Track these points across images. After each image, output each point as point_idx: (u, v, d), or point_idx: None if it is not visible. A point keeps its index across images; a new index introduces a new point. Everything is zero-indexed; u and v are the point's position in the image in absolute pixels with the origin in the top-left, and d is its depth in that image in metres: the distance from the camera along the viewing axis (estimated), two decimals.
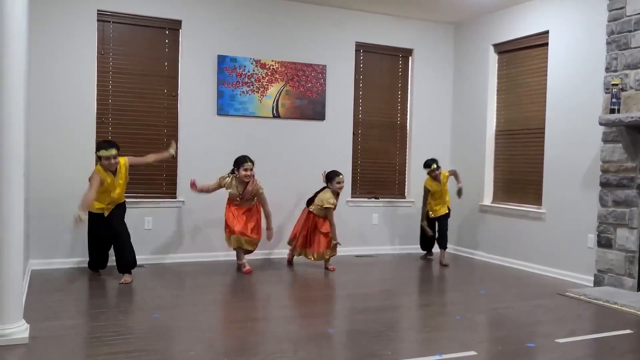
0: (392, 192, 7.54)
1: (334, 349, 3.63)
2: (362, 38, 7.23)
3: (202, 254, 6.42)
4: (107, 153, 5.09)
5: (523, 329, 4.25)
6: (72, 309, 4.33)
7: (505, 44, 6.95)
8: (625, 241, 5.33)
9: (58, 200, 5.81)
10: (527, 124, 6.68)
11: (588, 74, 5.79)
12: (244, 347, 3.62)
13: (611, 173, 5.47)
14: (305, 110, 6.92)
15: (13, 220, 3.45)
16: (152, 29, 6.29)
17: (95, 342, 3.63)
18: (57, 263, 5.80)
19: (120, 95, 6.13)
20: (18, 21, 3.47)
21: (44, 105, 5.76)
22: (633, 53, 5.27)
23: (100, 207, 5.24)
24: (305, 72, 6.89)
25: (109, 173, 5.17)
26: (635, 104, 5.23)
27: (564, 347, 3.75)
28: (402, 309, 4.74)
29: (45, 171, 5.76)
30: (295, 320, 4.22)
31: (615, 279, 5.41)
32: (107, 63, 6.09)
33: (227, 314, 4.49)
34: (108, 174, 5.17)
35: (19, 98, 3.48)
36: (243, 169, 5.67)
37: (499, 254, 6.84)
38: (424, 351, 3.63)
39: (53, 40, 5.79)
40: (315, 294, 5.04)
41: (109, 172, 5.17)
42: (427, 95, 7.62)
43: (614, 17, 5.45)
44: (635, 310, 4.67)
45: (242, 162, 5.70)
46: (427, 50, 7.60)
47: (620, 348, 3.81)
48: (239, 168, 5.69)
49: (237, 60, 6.54)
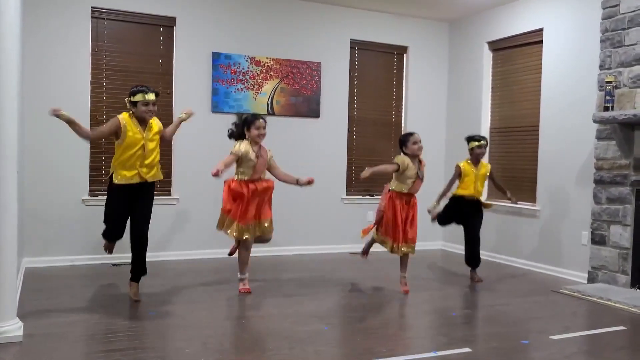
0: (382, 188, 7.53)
1: (329, 345, 3.63)
2: (357, 35, 7.22)
3: (196, 252, 6.41)
4: (146, 98, 4.19)
5: (517, 325, 4.26)
6: (66, 306, 4.32)
7: (500, 41, 6.96)
8: (619, 238, 5.35)
9: (52, 197, 5.80)
10: (522, 121, 6.69)
11: (582, 72, 5.81)
12: (239, 344, 3.61)
13: (605, 170, 5.49)
14: (300, 108, 6.91)
15: (7, 218, 3.44)
16: (146, 26, 6.26)
17: (90, 340, 3.62)
18: (51, 261, 5.78)
19: (115, 92, 6.10)
20: (11, 18, 3.45)
21: (38, 102, 5.73)
22: (627, 51, 5.29)
23: (130, 174, 4.25)
24: (300, 70, 6.88)
25: (138, 125, 4.26)
26: (629, 101, 5.25)
27: (558, 344, 3.77)
28: (397, 305, 4.74)
29: (39, 169, 5.73)
30: (290, 317, 4.22)
31: (609, 276, 5.43)
32: (101, 60, 6.07)
33: (222, 311, 4.49)
34: (137, 126, 4.24)
35: (12, 95, 3.46)
36: (255, 127, 4.76)
37: (493, 251, 6.85)
38: (419, 348, 3.64)
39: (46, 37, 5.77)
40: (310, 291, 5.04)
41: (138, 124, 4.26)
42: (422, 92, 7.63)
43: (608, 14, 5.46)
44: (628, 306, 4.69)
45: (254, 120, 4.79)
46: (422, 47, 7.60)
47: (613, 344, 3.83)
48: (249, 128, 4.78)
49: (232, 58, 6.53)
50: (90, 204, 5.94)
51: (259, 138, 4.80)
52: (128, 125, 4.20)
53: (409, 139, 4.92)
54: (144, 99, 4.18)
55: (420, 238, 7.40)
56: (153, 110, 4.24)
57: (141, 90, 4.21)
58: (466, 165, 5.63)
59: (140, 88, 4.24)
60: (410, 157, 4.92)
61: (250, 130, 4.78)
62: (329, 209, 7.11)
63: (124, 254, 6.10)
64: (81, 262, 5.86)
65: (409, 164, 4.88)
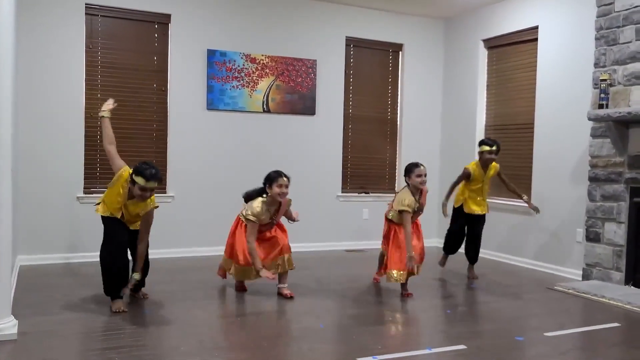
0: (382, 187, 7.55)
1: (324, 343, 3.63)
2: (352, 33, 7.22)
3: (191, 249, 6.40)
4: (148, 185, 4.00)
5: (512, 322, 4.27)
6: (60, 304, 4.30)
7: (495, 39, 6.97)
8: (613, 235, 5.37)
9: (46, 195, 5.78)
10: (517, 119, 6.71)
11: (577, 70, 5.82)
12: (234, 342, 3.61)
13: (600, 168, 5.51)
14: (295, 105, 6.91)
15: (1, 216, 3.42)
16: (141, 23, 6.24)
17: (85, 338, 3.61)
18: (46, 259, 5.76)
19: (109, 89, 6.08)
20: (5, 14, 3.43)
21: (32, 100, 5.71)
22: (621, 49, 5.30)
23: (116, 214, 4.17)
24: (296, 67, 6.87)
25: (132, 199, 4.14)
26: (623, 99, 5.27)
27: (553, 341, 3.78)
28: (392, 303, 4.75)
29: (33, 166, 5.71)
30: (286, 315, 4.22)
31: (603, 273, 5.45)
32: (95, 57, 6.04)
33: (217, 309, 4.48)
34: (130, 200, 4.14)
35: (6, 92, 3.44)
36: (277, 185, 4.54)
37: (488, 249, 6.86)
38: (413, 345, 3.65)
39: (41, 33, 5.74)
40: (306, 289, 5.04)
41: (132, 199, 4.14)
42: (417, 90, 7.63)
43: (602, 12, 5.47)
44: (622, 303, 4.71)
45: (276, 177, 4.57)
46: (417, 45, 7.60)
47: (608, 341, 3.85)
48: (271, 185, 4.56)
49: (227, 55, 6.51)
50: (85, 201, 5.92)
51: (280, 197, 4.59)
52: (123, 190, 4.09)
53: (414, 171, 4.74)
54: (143, 184, 3.98)
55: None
56: (147, 197, 4.06)
57: (145, 175, 3.97)
58: (476, 169, 5.53)
59: (145, 172, 3.98)
60: (412, 188, 4.77)
61: (272, 188, 4.56)
62: (324, 206, 7.11)
63: None
64: (75, 260, 5.84)
65: (409, 202, 4.68)
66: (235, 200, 5.08)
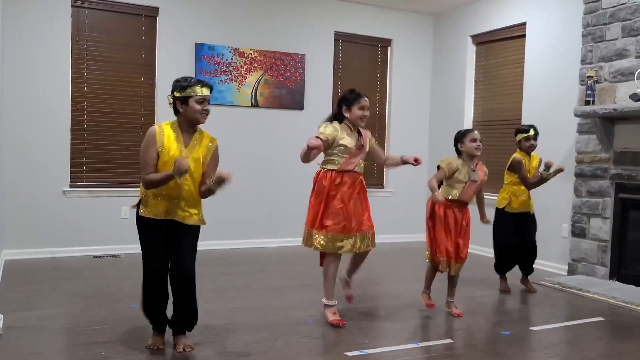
0: (370, 182, 7.55)
1: (312, 337, 3.64)
2: (341, 27, 7.21)
3: None
4: (205, 92, 3.19)
5: (498, 316, 4.31)
6: (46, 299, 4.27)
7: (483, 35, 7.00)
8: (599, 231, 5.43)
9: (32, 189, 5.72)
10: (504, 114, 6.74)
11: (564, 66, 5.86)
12: (222, 336, 3.61)
13: (585, 164, 5.56)
14: (284, 100, 6.89)
15: None
16: (128, 15, 6.18)
17: (71, 333, 3.59)
18: (32, 253, 5.71)
19: (96, 82, 6.03)
20: None
21: (18, 92, 5.65)
22: (608, 45, 5.34)
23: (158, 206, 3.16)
24: (285, 61, 6.85)
25: (179, 136, 3.16)
26: (609, 95, 5.31)
27: (538, 335, 3.82)
28: (380, 298, 4.77)
29: (19, 159, 5.65)
30: (274, 310, 4.22)
31: (588, 268, 5.51)
32: (82, 50, 5.98)
33: (205, 303, 4.47)
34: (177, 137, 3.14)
35: None
36: (359, 106, 3.92)
37: (475, 243, 6.87)
38: (401, 340, 3.67)
39: (26, 26, 5.67)
40: (293, 284, 5.04)
41: (179, 134, 3.16)
42: (406, 85, 7.64)
43: (589, 9, 5.51)
44: (607, 298, 4.76)
45: (357, 97, 3.94)
46: (406, 40, 7.61)
47: (592, 335, 3.89)
48: (351, 107, 3.93)
49: (215, 49, 6.48)
50: (71, 195, 5.87)
51: (362, 120, 4.00)
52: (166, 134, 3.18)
53: (467, 135, 4.15)
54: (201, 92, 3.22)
55: (410, 229, 7.52)
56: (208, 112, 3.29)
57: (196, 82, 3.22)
58: (523, 157, 4.88)
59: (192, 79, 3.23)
60: (465, 157, 4.19)
61: (352, 110, 3.92)
62: None
63: (105, 245, 6.09)
64: (62, 254, 5.80)
65: (457, 165, 4.13)
66: (223, 195, 5.04)
